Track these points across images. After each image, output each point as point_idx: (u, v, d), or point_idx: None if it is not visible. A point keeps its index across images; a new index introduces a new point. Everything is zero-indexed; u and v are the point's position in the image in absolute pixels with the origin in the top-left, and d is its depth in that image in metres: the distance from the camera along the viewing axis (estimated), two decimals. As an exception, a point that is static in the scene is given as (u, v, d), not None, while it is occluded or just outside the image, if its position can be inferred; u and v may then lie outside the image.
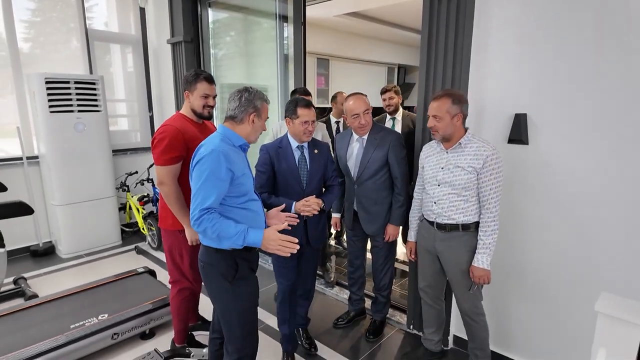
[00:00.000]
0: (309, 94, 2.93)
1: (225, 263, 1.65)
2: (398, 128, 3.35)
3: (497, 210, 1.90)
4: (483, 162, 1.85)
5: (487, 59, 2.11)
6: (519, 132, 2.01)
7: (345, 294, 3.07)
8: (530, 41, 1.97)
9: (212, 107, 2.20)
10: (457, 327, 2.47)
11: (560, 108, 1.92)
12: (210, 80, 2.17)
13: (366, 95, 2.37)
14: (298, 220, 1.82)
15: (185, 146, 2.07)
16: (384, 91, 3.43)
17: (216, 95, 2.23)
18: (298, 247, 1.55)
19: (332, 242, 4.27)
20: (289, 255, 1.56)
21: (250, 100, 1.67)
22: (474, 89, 2.13)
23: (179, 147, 2.05)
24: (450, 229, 1.99)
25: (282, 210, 1.87)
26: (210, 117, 2.23)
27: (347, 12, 5.36)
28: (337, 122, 3.76)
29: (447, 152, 1.98)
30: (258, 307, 1.81)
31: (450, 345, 2.51)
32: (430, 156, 2.09)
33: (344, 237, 3.94)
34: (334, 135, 3.52)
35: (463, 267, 2.00)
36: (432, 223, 2.07)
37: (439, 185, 2.00)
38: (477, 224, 1.96)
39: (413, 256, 2.29)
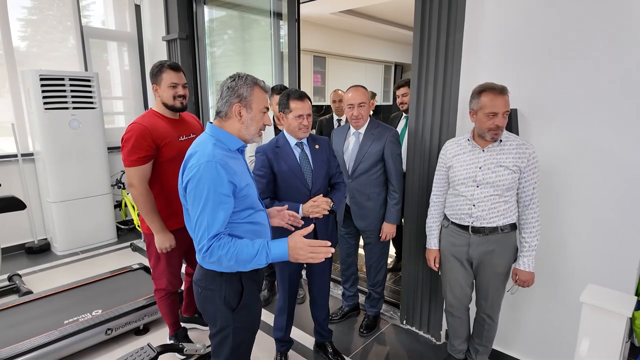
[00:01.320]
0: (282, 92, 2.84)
1: (231, 286, 1.45)
2: None
3: (540, 210, 1.83)
4: (527, 160, 1.77)
5: (477, 56, 2.12)
6: (509, 126, 2.01)
7: (339, 290, 3.08)
8: (520, 39, 1.98)
9: (184, 96, 2.10)
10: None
11: (548, 103, 1.94)
12: (175, 68, 2.07)
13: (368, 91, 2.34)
14: (302, 222, 1.67)
15: (153, 145, 1.99)
16: (397, 87, 3.15)
17: (186, 84, 2.12)
18: (333, 250, 1.36)
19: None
20: (323, 260, 1.34)
21: (233, 89, 1.38)
22: (465, 85, 2.14)
23: (145, 147, 1.96)
24: (488, 232, 1.87)
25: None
26: (183, 108, 2.13)
27: (342, 9, 5.36)
28: (339, 120, 3.64)
29: (483, 151, 1.84)
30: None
31: (442, 340, 2.52)
32: (459, 155, 1.91)
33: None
34: None
35: (501, 270, 1.91)
36: (465, 227, 1.93)
37: (478, 187, 1.85)
38: (513, 225, 1.88)
39: (437, 265, 2.11)
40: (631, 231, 1.79)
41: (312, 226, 1.43)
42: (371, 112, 2.45)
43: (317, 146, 2.05)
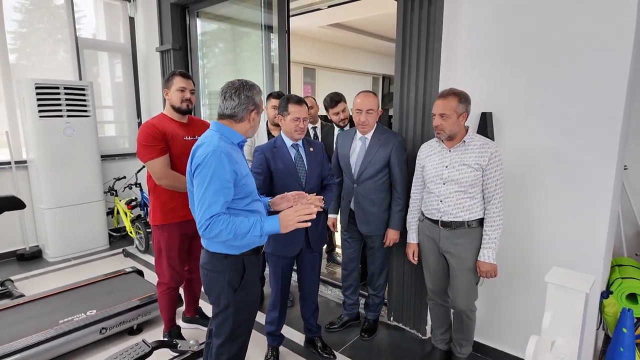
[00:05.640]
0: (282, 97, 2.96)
1: (234, 268, 1.61)
2: None
3: (502, 205, 1.95)
4: (488, 158, 1.90)
5: (455, 66, 2.28)
6: (485, 128, 2.17)
7: (337, 292, 3.14)
8: (492, 49, 2.15)
9: (190, 100, 2.30)
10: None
11: (520, 107, 2.10)
12: (185, 75, 2.28)
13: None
14: (307, 195, 1.80)
15: (163, 137, 2.17)
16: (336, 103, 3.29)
17: (193, 90, 2.33)
18: (316, 210, 1.53)
19: (325, 256, 4.10)
20: (311, 221, 1.51)
21: (251, 97, 1.60)
22: (444, 90, 2.30)
23: (159, 138, 2.16)
24: (456, 227, 2.01)
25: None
26: (189, 111, 2.33)
27: (330, 23, 5.57)
28: (314, 128, 3.57)
29: (449, 151, 2.00)
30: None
31: (428, 335, 2.62)
32: (430, 155, 2.09)
33: (337, 250, 3.88)
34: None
35: (468, 264, 2.03)
36: (436, 222, 2.08)
37: (444, 184, 2.00)
38: (480, 220, 2.01)
39: (416, 258, 2.28)
40: (594, 222, 1.95)
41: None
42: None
43: (311, 149, 2.20)
